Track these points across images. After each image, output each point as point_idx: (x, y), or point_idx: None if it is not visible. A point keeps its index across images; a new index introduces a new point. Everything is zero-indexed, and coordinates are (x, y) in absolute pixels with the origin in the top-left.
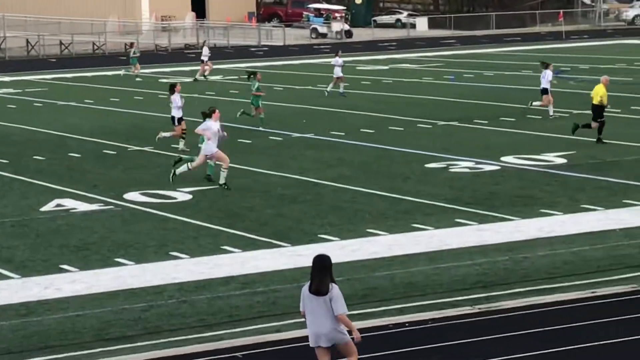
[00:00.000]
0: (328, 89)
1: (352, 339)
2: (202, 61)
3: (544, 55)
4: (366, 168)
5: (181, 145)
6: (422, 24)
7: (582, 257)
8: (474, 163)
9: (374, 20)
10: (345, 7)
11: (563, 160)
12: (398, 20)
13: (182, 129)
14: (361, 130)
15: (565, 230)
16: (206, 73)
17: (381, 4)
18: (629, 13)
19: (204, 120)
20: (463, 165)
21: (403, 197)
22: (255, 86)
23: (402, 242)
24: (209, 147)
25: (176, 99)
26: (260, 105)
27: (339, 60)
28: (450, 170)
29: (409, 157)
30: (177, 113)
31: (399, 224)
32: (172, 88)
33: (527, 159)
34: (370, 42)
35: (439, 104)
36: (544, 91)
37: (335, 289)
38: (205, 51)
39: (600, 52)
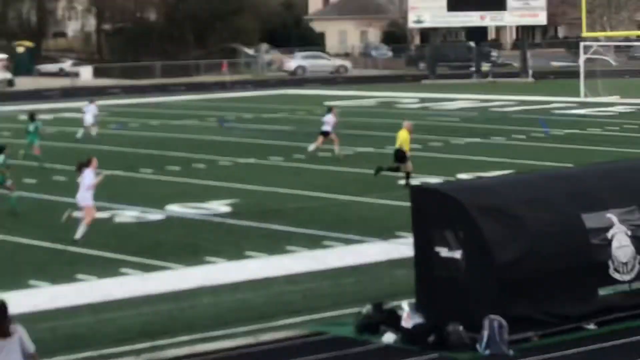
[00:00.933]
0: (78, 135)
1: None
2: None
3: (210, 104)
4: (28, 219)
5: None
6: (86, 73)
7: (246, 304)
8: (139, 212)
9: (37, 69)
10: (7, 55)
11: (228, 209)
12: (62, 69)
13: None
14: (24, 180)
15: (230, 277)
16: None
17: (45, 53)
18: (291, 64)
19: (79, 169)
20: (128, 214)
21: (66, 248)
22: (40, 126)
23: (65, 294)
24: (88, 197)
25: None
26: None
27: (92, 107)
28: (115, 220)
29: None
30: None
31: (62, 274)
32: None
33: (192, 208)
34: (33, 91)
35: (103, 154)
36: (324, 133)
37: (21, 329)
38: None
39: (264, 102)
